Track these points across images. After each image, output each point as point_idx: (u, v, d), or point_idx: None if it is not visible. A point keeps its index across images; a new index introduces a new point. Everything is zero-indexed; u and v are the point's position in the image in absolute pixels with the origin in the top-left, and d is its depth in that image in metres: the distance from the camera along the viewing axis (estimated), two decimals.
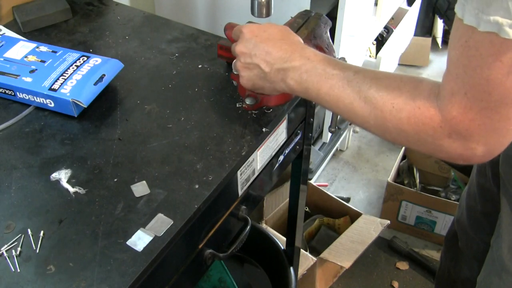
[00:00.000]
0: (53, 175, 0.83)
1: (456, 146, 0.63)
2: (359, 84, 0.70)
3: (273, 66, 0.80)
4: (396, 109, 0.66)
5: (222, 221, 0.89)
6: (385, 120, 0.68)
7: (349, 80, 0.72)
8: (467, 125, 0.61)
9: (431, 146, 0.66)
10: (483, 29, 0.55)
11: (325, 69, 0.74)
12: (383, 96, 0.67)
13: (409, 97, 0.65)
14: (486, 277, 1.06)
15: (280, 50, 0.79)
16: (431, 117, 0.63)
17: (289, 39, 0.81)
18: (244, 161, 0.88)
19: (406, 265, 1.95)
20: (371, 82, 0.69)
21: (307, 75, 0.76)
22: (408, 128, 0.65)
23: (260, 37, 0.81)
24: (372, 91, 0.69)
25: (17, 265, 0.71)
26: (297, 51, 0.78)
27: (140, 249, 0.72)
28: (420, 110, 0.64)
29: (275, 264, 1.52)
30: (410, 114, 0.65)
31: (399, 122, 0.66)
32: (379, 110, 0.68)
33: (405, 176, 2.08)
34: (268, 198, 1.76)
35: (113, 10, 1.22)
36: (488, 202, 1.18)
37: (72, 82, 0.93)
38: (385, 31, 2.37)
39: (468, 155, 0.63)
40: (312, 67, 0.76)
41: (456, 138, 0.62)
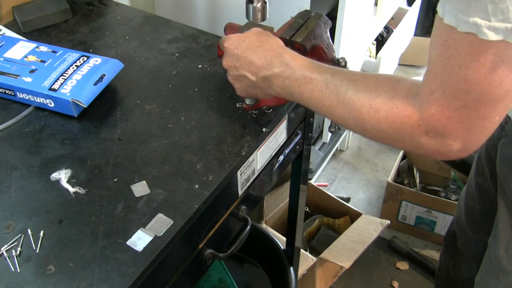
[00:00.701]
0: (53, 175, 0.83)
1: (433, 143, 0.64)
2: (337, 87, 0.72)
3: (258, 75, 0.82)
4: (374, 109, 0.67)
5: (222, 221, 0.89)
6: (363, 120, 0.69)
7: (327, 83, 0.73)
8: (444, 122, 0.62)
9: (409, 144, 0.67)
10: (462, 29, 0.56)
11: (303, 74, 0.76)
12: (360, 97, 0.69)
13: (387, 97, 0.67)
14: (483, 277, 1.06)
15: (260, 58, 0.81)
16: (409, 116, 0.64)
17: (268, 45, 0.82)
18: (244, 161, 0.88)
19: (406, 265, 1.95)
20: (349, 84, 0.71)
21: (289, 81, 0.78)
22: (386, 127, 0.67)
23: (240, 48, 0.83)
24: (349, 93, 0.70)
25: (17, 265, 0.71)
26: (276, 57, 0.80)
27: (140, 249, 0.72)
28: (398, 110, 0.65)
29: (275, 264, 1.52)
30: (388, 113, 0.66)
31: (377, 122, 0.67)
32: (357, 112, 0.69)
33: (405, 176, 2.08)
34: (268, 198, 1.76)
35: (113, 10, 1.22)
36: (487, 202, 1.18)
37: (72, 82, 0.93)
38: (385, 31, 2.37)
39: (445, 151, 0.65)
40: (291, 73, 0.77)
41: (433, 135, 0.63)
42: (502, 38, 0.54)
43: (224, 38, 0.89)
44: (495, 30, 0.54)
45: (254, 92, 0.86)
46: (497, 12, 0.53)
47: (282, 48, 0.81)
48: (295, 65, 0.77)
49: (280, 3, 1.46)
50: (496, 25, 0.54)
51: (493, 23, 0.54)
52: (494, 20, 0.54)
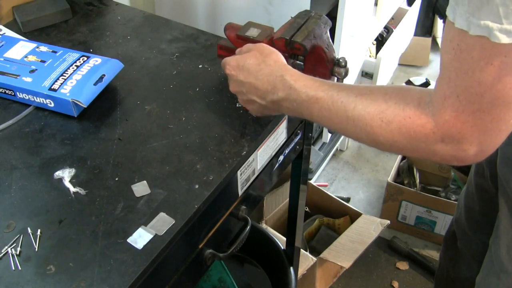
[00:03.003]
0: (57, 173, 0.83)
1: (449, 149, 0.64)
2: (344, 104, 0.71)
3: (265, 99, 0.82)
4: (385, 122, 0.67)
5: (222, 221, 0.89)
6: (375, 134, 0.68)
7: (333, 100, 0.73)
8: (459, 127, 0.61)
9: (424, 152, 0.66)
10: (474, 33, 0.56)
11: (308, 94, 0.75)
12: (370, 112, 0.68)
13: (397, 108, 0.66)
14: (484, 277, 1.06)
15: (263, 83, 0.80)
16: (423, 125, 0.64)
17: (268, 67, 0.81)
18: (244, 161, 0.88)
19: (406, 265, 1.95)
20: (356, 99, 0.70)
21: (296, 103, 0.78)
22: (400, 138, 0.66)
23: (242, 73, 0.83)
24: (358, 108, 0.70)
25: (18, 265, 0.71)
26: (278, 81, 0.79)
27: (140, 247, 0.72)
28: (410, 120, 0.65)
29: (275, 264, 1.52)
30: (401, 124, 0.66)
31: (390, 134, 0.67)
32: (368, 126, 0.69)
33: (405, 176, 2.08)
34: (268, 198, 1.76)
35: (113, 10, 1.22)
36: (487, 202, 1.18)
37: (72, 82, 0.93)
38: (385, 31, 2.37)
39: (462, 156, 0.64)
40: (297, 95, 0.77)
41: (449, 141, 0.63)
42: None
43: (224, 61, 0.88)
44: (507, 33, 0.54)
45: (268, 113, 0.86)
46: (508, 15, 0.53)
47: (282, 69, 0.80)
48: (298, 87, 0.77)
49: (280, 3, 1.46)
50: (508, 27, 0.54)
51: (505, 26, 0.54)
52: (506, 22, 0.54)
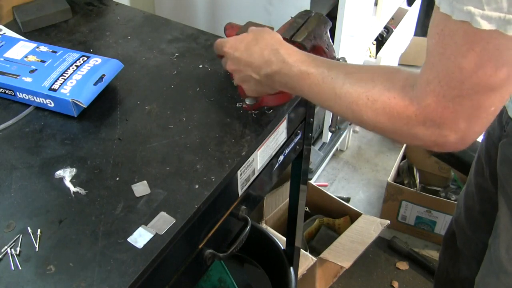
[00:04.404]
0: (58, 172, 0.83)
1: (430, 134, 0.65)
2: (333, 80, 0.72)
3: (259, 73, 0.83)
4: (371, 100, 0.68)
5: (222, 221, 0.89)
6: (361, 112, 0.69)
7: (324, 77, 0.74)
8: (440, 112, 0.62)
9: (406, 135, 0.67)
10: (457, 17, 0.56)
11: (300, 69, 0.77)
12: (357, 89, 0.69)
13: (383, 88, 0.67)
14: (483, 277, 1.06)
15: (258, 56, 0.82)
16: (406, 106, 0.65)
17: (263, 41, 0.82)
18: (244, 161, 0.88)
19: (406, 265, 1.95)
20: (345, 77, 0.71)
21: (288, 77, 0.79)
22: (383, 119, 0.67)
23: (239, 50, 0.84)
24: (346, 86, 0.71)
25: (18, 265, 0.71)
26: (272, 55, 0.80)
27: (140, 246, 0.72)
28: (395, 100, 0.66)
29: (275, 264, 1.52)
30: (385, 104, 0.66)
31: (374, 113, 0.68)
32: (354, 104, 0.70)
33: (405, 176, 2.08)
34: (268, 198, 1.76)
35: (113, 10, 1.22)
36: (486, 202, 1.18)
37: (72, 82, 0.93)
38: (385, 31, 2.36)
39: (442, 142, 0.65)
40: (289, 69, 0.78)
41: (429, 125, 0.64)
42: (495, 28, 0.54)
43: (221, 41, 0.89)
44: (488, 19, 0.54)
45: (262, 90, 0.87)
46: (490, 1, 0.54)
47: (277, 44, 0.81)
48: (291, 61, 0.78)
49: (280, 3, 1.46)
50: (489, 14, 0.54)
51: (486, 12, 0.54)
52: (487, 9, 0.54)
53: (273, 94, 0.92)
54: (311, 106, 1.08)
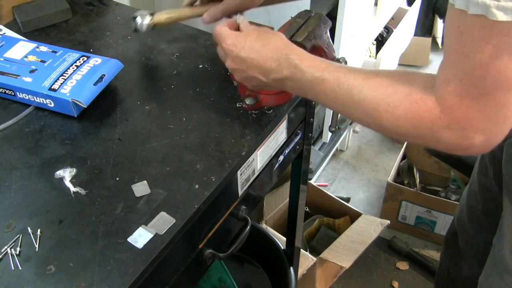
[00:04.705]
0: (58, 172, 0.83)
1: (454, 137, 0.63)
2: (350, 87, 0.70)
3: (268, 77, 0.80)
4: (392, 107, 0.66)
5: (222, 221, 0.89)
6: (381, 119, 0.67)
7: (339, 83, 0.72)
8: (464, 113, 0.60)
9: (429, 139, 0.65)
10: (473, 11, 0.55)
11: (313, 75, 0.74)
12: (376, 96, 0.67)
13: (404, 93, 0.65)
14: (487, 277, 1.06)
15: (267, 60, 0.79)
16: (429, 110, 0.63)
17: (272, 44, 0.79)
18: (244, 161, 0.88)
19: (406, 265, 1.95)
20: (362, 83, 0.69)
21: (300, 83, 0.77)
22: (406, 123, 0.65)
23: (243, 49, 0.80)
24: (364, 92, 0.69)
25: (18, 265, 0.71)
26: (282, 60, 0.78)
27: (140, 246, 0.72)
28: (417, 104, 0.64)
29: (275, 264, 1.52)
30: (407, 109, 0.65)
31: (395, 119, 0.66)
32: (374, 110, 0.68)
33: (405, 176, 2.08)
34: (268, 198, 1.76)
35: (113, 10, 1.22)
36: (489, 202, 1.18)
37: (72, 82, 0.93)
38: (385, 31, 2.37)
39: (467, 145, 0.63)
40: (301, 75, 0.76)
41: (454, 128, 0.62)
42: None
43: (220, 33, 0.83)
44: (504, 10, 0.53)
45: (268, 89, 0.86)
46: None
47: (287, 48, 0.79)
48: (303, 66, 0.75)
49: None
50: (504, 4, 0.53)
51: (501, 3, 0.53)
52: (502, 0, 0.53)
53: (273, 94, 0.92)
54: (311, 106, 1.08)
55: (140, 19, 0.96)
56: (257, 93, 0.92)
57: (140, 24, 0.97)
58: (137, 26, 0.97)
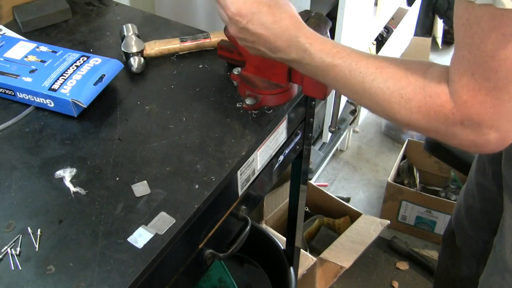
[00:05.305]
0: (58, 172, 0.83)
1: (468, 133, 0.61)
2: (362, 75, 0.68)
3: (276, 54, 0.78)
4: (405, 99, 0.64)
5: (222, 221, 0.89)
6: (393, 110, 0.66)
7: (351, 69, 0.69)
8: (477, 109, 0.59)
9: (443, 134, 0.64)
10: (480, 1, 0.54)
11: (324, 60, 0.72)
12: (389, 86, 0.66)
13: (418, 85, 0.63)
14: (488, 277, 1.06)
15: (276, 39, 0.75)
16: (443, 105, 0.61)
17: (283, 22, 0.75)
18: (244, 161, 0.88)
19: (406, 265, 1.95)
20: (376, 72, 0.67)
21: (309, 67, 0.75)
22: (419, 117, 0.64)
23: (251, 22, 0.75)
24: (377, 81, 0.67)
25: (18, 265, 0.71)
26: (292, 41, 0.74)
27: (140, 246, 0.72)
28: (431, 99, 0.62)
29: (275, 264, 1.52)
30: (420, 103, 0.63)
31: (408, 112, 0.64)
32: (386, 102, 0.66)
33: (405, 176, 2.08)
34: (268, 198, 1.76)
35: (113, 10, 1.22)
36: (487, 201, 1.18)
37: (72, 82, 0.93)
38: (385, 31, 2.37)
39: (481, 142, 0.62)
40: (311, 59, 0.73)
41: (468, 124, 0.61)
42: None
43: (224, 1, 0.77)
44: None
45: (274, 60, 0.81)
46: None
47: (297, 28, 0.75)
48: (314, 51, 0.73)
49: None
50: None
51: None
52: None
53: (273, 94, 0.92)
54: (311, 106, 1.08)
55: (134, 62, 1.01)
56: (257, 93, 0.92)
57: (136, 69, 1.02)
58: (133, 70, 1.02)
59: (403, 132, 2.38)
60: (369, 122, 2.55)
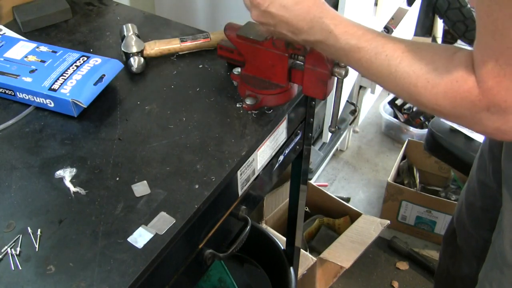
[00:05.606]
0: (58, 172, 0.83)
1: (494, 120, 0.61)
2: (388, 58, 0.68)
3: (298, 36, 0.77)
4: (431, 84, 0.64)
5: (222, 221, 0.89)
6: (419, 95, 0.65)
7: (377, 52, 0.69)
8: (504, 95, 0.58)
9: (468, 120, 0.64)
10: None
11: (349, 42, 0.72)
12: (416, 71, 0.65)
13: (445, 70, 0.63)
14: (487, 272, 1.05)
15: (299, 20, 0.75)
16: (469, 90, 0.61)
17: (304, 3, 0.75)
18: (244, 161, 0.88)
19: (406, 265, 1.95)
20: (402, 55, 0.67)
21: (334, 49, 0.74)
22: (445, 103, 0.63)
23: (273, 5, 0.76)
24: (403, 65, 0.66)
25: (18, 265, 0.71)
26: (316, 22, 0.74)
27: (140, 246, 0.72)
28: (458, 84, 0.62)
29: (275, 264, 1.52)
30: (447, 88, 0.63)
31: (434, 97, 0.64)
32: (412, 86, 0.66)
33: (405, 176, 2.08)
34: (268, 198, 1.76)
35: (113, 10, 1.22)
36: (488, 199, 1.18)
37: (72, 82, 0.93)
38: (385, 31, 2.37)
39: (506, 128, 0.61)
40: (335, 41, 0.73)
41: (494, 111, 0.60)
42: None
43: None
44: None
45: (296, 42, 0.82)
46: None
47: (321, 10, 0.74)
48: (338, 32, 0.72)
49: None
50: None
51: None
52: None
53: (273, 94, 0.92)
54: (311, 106, 1.08)
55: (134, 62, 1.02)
56: (257, 93, 0.92)
57: (136, 69, 1.02)
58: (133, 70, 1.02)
59: (403, 132, 2.38)
60: (369, 122, 2.55)
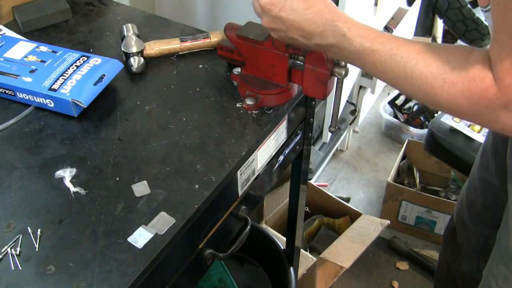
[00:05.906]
0: (58, 172, 0.83)
1: None
2: (404, 60, 0.68)
3: (310, 41, 0.77)
4: (448, 84, 0.64)
5: (222, 221, 0.89)
6: (436, 95, 0.65)
7: (392, 54, 0.69)
8: None
9: (485, 119, 0.64)
10: None
11: (363, 45, 0.71)
12: (432, 71, 0.65)
13: (462, 69, 0.63)
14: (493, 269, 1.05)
15: (310, 24, 0.75)
16: (487, 89, 0.61)
17: (315, 7, 0.75)
18: (244, 161, 0.88)
19: (406, 265, 1.95)
20: (417, 56, 0.67)
21: (347, 52, 0.74)
22: (462, 102, 0.63)
23: (284, 10, 0.75)
24: (419, 66, 0.66)
25: (18, 265, 0.71)
26: (328, 25, 0.74)
27: (140, 246, 0.72)
28: (475, 82, 0.62)
29: (275, 264, 1.52)
30: (464, 87, 0.63)
31: (451, 97, 0.64)
32: (429, 86, 0.66)
33: (405, 176, 2.08)
34: (268, 198, 1.76)
35: (113, 10, 1.22)
36: (490, 196, 1.18)
37: (72, 82, 0.93)
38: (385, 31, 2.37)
39: None
40: (349, 44, 0.73)
41: None
42: None
43: None
44: None
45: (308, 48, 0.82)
46: None
47: (333, 13, 0.74)
48: (352, 36, 0.72)
49: None
50: None
51: None
52: None
53: (273, 94, 0.92)
54: (311, 106, 1.08)
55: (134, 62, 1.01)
56: (257, 93, 0.92)
57: (136, 69, 1.02)
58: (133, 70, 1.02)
59: (403, 132, 2.38)
60: (369, 122, 2.55)
